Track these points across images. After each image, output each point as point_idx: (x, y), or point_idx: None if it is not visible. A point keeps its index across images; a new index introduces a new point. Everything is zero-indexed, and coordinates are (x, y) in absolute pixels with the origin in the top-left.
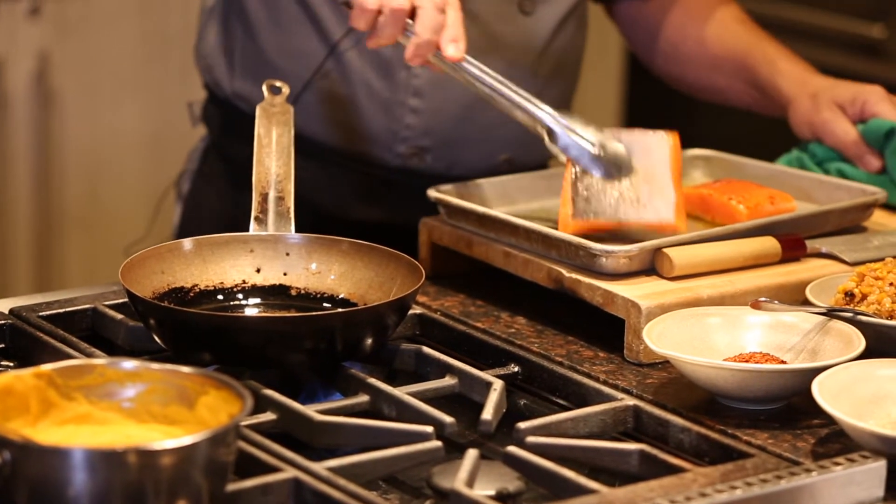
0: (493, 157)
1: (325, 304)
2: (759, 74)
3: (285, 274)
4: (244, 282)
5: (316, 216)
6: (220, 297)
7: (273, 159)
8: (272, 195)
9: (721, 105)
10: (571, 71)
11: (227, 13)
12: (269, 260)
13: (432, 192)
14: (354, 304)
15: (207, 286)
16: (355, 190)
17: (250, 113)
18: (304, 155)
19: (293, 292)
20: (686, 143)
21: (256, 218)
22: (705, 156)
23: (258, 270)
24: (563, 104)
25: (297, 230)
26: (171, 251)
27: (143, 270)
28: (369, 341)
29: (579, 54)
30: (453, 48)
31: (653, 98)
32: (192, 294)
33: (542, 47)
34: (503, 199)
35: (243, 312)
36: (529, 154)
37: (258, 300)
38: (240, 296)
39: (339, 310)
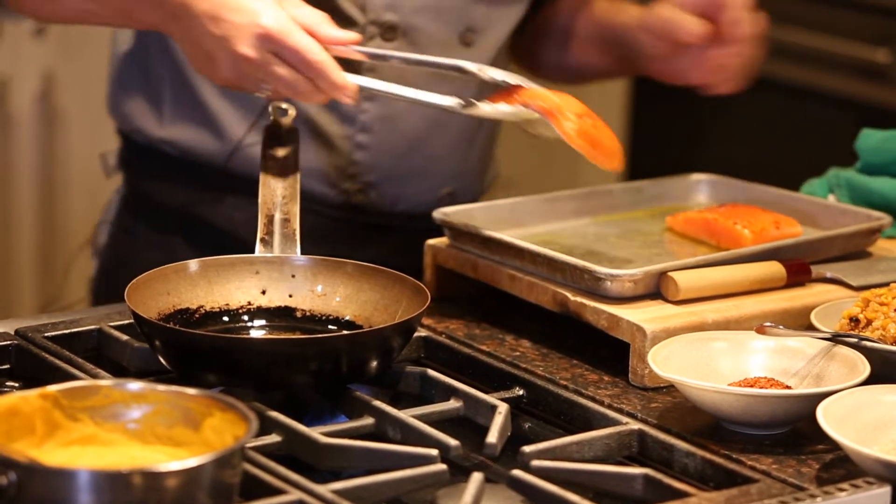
0: (436, 191)
1: (330, 327)
2: (605, 30)
3: (291, 296)
4: (249, 303)
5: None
6: (225, 318)
7: (279, 181)
8: (278, 217)
9: (725, 126)
10: None
11: (147, 57)
12: (274, 282)
13: (438, 215)
14: (360, 327)
15: (213, 307)
16: (303, 230)
17: (181, 157)
18: (246, 196)
19: (298, 314)
20: (691, 166)
21: (262, 240)
22: (710, 180)
23: (263, 292)
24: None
25: None
26: (176, 272)
27: (149, 291)
28: (374, 363)
29: None
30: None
31: (658, 121)
32: (197, 315)
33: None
34: (509, 222)
35: (249, 334)
36: (471, 186)
37: (263, 322)
38: (245, 317)
39: (345, 332)
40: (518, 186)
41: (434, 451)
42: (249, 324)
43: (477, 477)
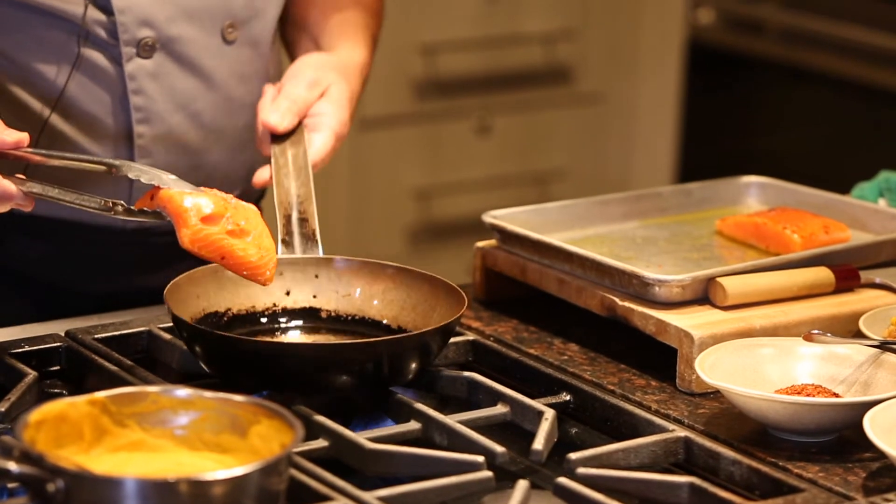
0: None
1: (357, 327)
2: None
3: (315, 296)
4: (275, 304)
5: (54, 294)
6: (253, 321)
7: (292, 179)
8: (295, 217)
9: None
10: None
11: None
12: (298, 283)
13: (487, 218)
14: (386, 325)
15: (240, 310)
16: (95, 263)
17: None
18: (34, 235)
19: (323, 314)
20: (744, 164)
21: (283, 241)
22: (760, 182)
23: (288, 293)
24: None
25: (32, 310)
26: (205, 275)
27: (181, 295)
28: (414, 366)
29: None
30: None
31: (711, 119)
32: (226, 318)
33: (256, 75)
34: (558, 224)
35: (278, 336)
36: (254, 191)
37: (290, 323)
38: (272, 319)
39: (387, 336)
40: (571, 178)
41: (480, 458)
42: (277, 326)
43: (523, 484)
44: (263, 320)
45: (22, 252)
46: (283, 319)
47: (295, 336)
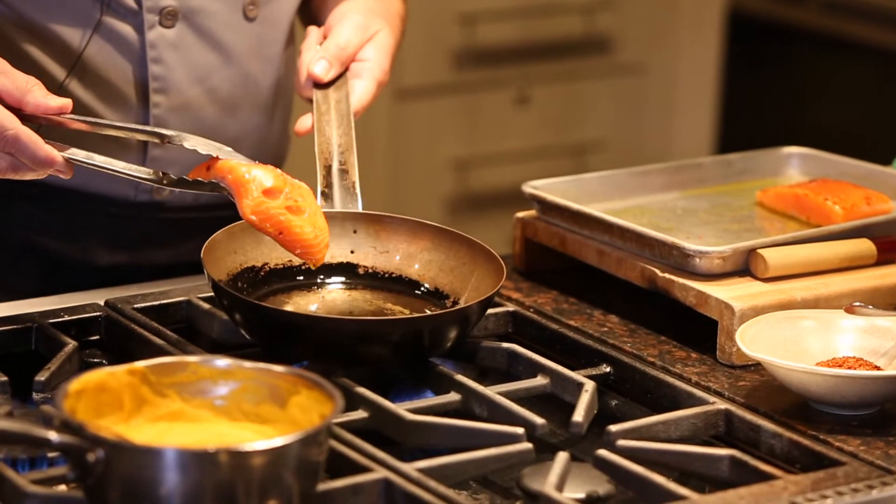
0: None
1: (393, 285)
2: None
3: (352, 252)
4: None
5: (58, 264)
6: (289, 276)
7: (333, 127)
8: (336, 167)
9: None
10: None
11: None
12: (336, 237)
13: (527, 189)
14: (424, 287)
15: (277, 265)
16: (99, 234)
17: None
18: (42, 204)
19: (360, 271)
20: (785, 135)
21: (323, 193)
22: (801, 153)
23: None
24: (284, 123)
25: (35, 279)
26: (242, 230)
27: (219, 252)
28: (453, 335)
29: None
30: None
31: (752, 90)
32: (262, 273)
33: (275, 55)
34: (598, 195)
35: (315, 292)
36: (273, 163)
37: (327, 279)
38: (308, 275)
39: (429, 313)
40: (610, 149)
41: (520, 430)
42: (314, 281)
43: (562, 457)
44: (300, 277)
45: (27, 221)
46: (320, 276)
47: (332, 293)
